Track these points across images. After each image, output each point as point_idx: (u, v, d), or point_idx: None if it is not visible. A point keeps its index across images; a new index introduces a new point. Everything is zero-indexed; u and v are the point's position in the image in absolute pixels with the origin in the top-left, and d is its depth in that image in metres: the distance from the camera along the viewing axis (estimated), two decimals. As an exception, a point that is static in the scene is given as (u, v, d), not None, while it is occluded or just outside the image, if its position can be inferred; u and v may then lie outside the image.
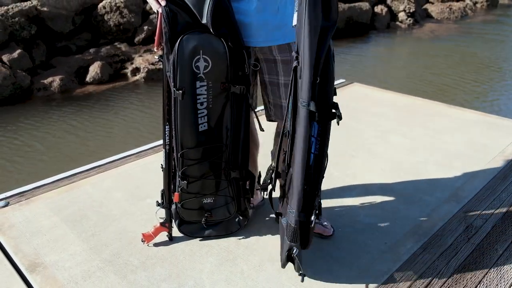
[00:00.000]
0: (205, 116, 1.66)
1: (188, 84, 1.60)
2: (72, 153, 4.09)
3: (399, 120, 3.24)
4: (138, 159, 2.72)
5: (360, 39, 8.39)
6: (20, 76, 5.20)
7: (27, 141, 4.33)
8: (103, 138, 4.40)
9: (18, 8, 5.60)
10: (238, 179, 1.81)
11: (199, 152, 1.71)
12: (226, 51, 1.58)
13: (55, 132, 4.47)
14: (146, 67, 5.76)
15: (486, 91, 5.84)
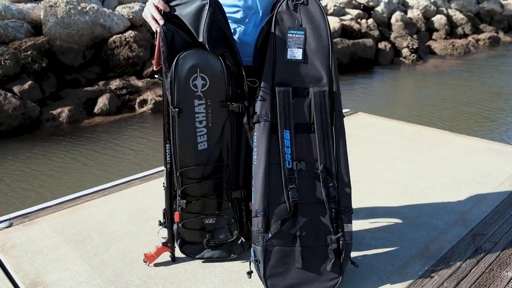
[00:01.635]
0: (204, 134, 1.64)
1: (186, 102, 1.59)
2: (77, 180, 4.10)
3: (405, 148, 3.24)
4: (142, 183, 2.72)
5: (364, 73, 8.53)
6: (29, 107, 5.30)
7: (35, 168, 4.36)
8: (108, 167, 4.42)
9: (31, 42, 5.79)
10: (240, 200, 1.77)
11: (198, 171, 1.68)
12: (224, 69, 1.58)
13: (61, 160, 4.51)
14: (153, 99, 5.86)
15: (491, 121, 5.86)
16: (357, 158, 3.06)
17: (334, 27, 8.80)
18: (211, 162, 1.68)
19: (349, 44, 8.63)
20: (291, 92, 1.60)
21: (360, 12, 10.12)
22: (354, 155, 3.09)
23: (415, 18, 11.16)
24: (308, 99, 1.62)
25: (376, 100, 6.92)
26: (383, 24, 10.34)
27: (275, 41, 1.59)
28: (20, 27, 5.95)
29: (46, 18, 6.02)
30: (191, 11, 1.50)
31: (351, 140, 3.38)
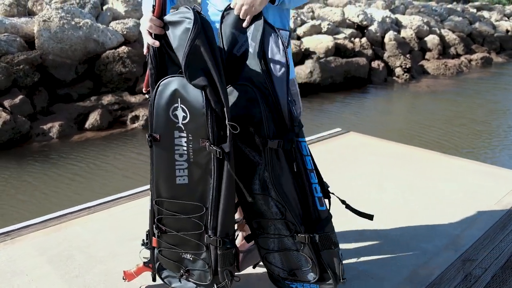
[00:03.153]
0: (185, 169, 1.50)
1: (165, 131, 1.47)
2: (64, 196, 4.03)
3: (395, 168, 3.23)
4: (130, 201, 2.67)
5: (357, 92, 8.58)
6: (20, 121, 5.25)
7: (19, 184, 4.29)
8: (96, 184, 4.36)
9: (23, 56, 5.77)
10: (216, 248, 1.55)
11: (175, 205, 1.55)
12: (204, 105, 1.42)
13: (48, 177, 4.44)
14: (145, 115, 5.84)
15: (483, 142, 5.88)
16: (346, 178, 3.04)
17: (328, 46, 8.88)
18: (191, 200, 1.53)
19: (343, 62, 8.70)
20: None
21: (353, 31, 10.23)
22: (344, 176, 3.07)
23: (408, 38, 11.30)
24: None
25: (369, 120, 6.94)
26: (377, 43, 10.46)
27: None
28: (13, 41, 5.93)
29: (40, 33, 6.01)
30: (178, 33, 1.40)
31: (342, 160, 3.36)
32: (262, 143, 1.50)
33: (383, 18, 11.13)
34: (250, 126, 1.51)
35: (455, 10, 15.02)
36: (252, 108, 1.49)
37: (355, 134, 4.04)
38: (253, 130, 1.51)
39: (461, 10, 15.56)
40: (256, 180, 1.56)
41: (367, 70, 9.20)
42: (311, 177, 1.62)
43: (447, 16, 14.00)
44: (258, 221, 1.64)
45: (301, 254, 1.62)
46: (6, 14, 6.37)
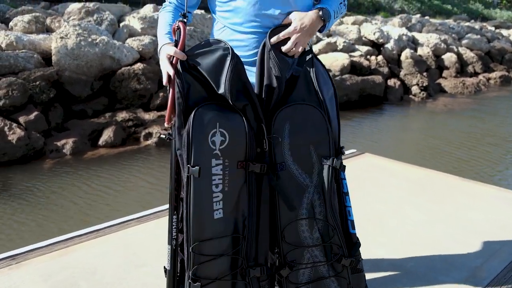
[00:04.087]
0: (220, 201, 1.41)
1: (203, 162, 1.38)
2: (73, 217, 4.01)
3: (413, 193, 3.11)
4: (138, 224, 2.62)
5: (373, 110, 8.47)
6: (34, 138, 5.29)
7: (28, 203, 4.28)
8: (106, 204, 4.34)
9: (40, 72, 5.85)
10: (258, 279, 1.48)
11: (214, 245, 1.42)
12: (245, 124, 1.42)
13: (59, 195, 4.44)
14: (158, 132, 5.83)
15: (504, 166, 5.69)
16: (362, 203, 2.94)
17: (344, 64, 8.82)
18: (226, 234, 1.43)
19: (358, 80, 8.62)
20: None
21: (369, 48, 10.17)
22: (359, 200, 2.97)
23: (425, 56, 11.18)
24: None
25: (384, 140, 6.81)
26: (393, 61, 10.36)
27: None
28: (30, 58, 6.03)
29: (57, 49, 6.10)
30: (212, 62, 1.41)
31: (357, 183, 3.26)
32: (323, 162, 1.52)
33: (400, 35, 11.05)
34: (311, 144, 1.52)
35: (473, 28, 14.86)
36: (312, 127, 1.51)
37: (370, 156, 3.94)
38: (314, 149, 1.52)
39: (479, 28, 15.39)
40: (304, 204, 1.53)
41: (383, 88, 9.09)
42: (346, 200, 1.64)
43: (465, 34, 13.85)
44: (293, 252, 1.56)
45: (331, 281, 1.59)
46: (25, 31, 6.49)
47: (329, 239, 1.57)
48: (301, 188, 1.53)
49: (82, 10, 6.88)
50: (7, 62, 5.88)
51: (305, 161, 1.53)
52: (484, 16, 20.90)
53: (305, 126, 1.53)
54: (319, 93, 1.57)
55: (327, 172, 1.54)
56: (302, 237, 1.56)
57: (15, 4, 7.74)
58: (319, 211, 1.56)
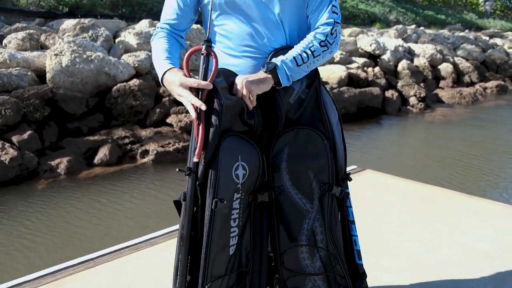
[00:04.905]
0: (236, 236, 1.38)
1: (227, 196, 1.35)
2: (67, 241, 3.88)
3: (416, 212, 3.02)
4: (133, 252, 2.51)
5: (371, 123, 8.40)
6: (27, 158, 5.17)
7: (22, 226, 4.16)
8: (101, 228, 4.22)
9: (34, 90, 5.76)
10: None
11: (224, 283, 1.39)
12: (259, 156, 1.41)
13: (51, 218, 4.31)
14: (155, 149, 5.73)
15: (506, 180, 5.60)
16: (364, 223, 2.83)
17: (341, 76, 8.78)
18: (234, 270, 1.41)
19: (356, 93, 8.57)
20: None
21: (366, 60, 10.14)
22: (361, 220, 2.87)
23: (422, 66, 11.17)
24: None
25: (384, 154, 6.72)
26: (390, 72, 10.33)
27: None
28: (24, 76, 5.94)
29: (51, 66, 6.02)
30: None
31: (359, 202, 3.17)
32: (322, 189, 1.47)
33: (396, 47, 11.05)
34: (310, 170, 1.47)
35: (468, 38, 14.91)
36: (315, 153, 1.47)
37: (372, 172, 3.85)
38: (313, 175, 1.47)
39: (474, 38, 15.45)
40: (304, 230, 1.48)
41: (380, 100, 9.04)
42: (352, 229, 1.60)
43: (460, 44, 13.89)
44: (294, 279, 1.50)
45: None
46: (19, 48, 6.42)
47: (331, 269, 1.51)
48: (301, 213, 1.48)
49: (77, 26, 6.82)
50: (0, 81, 5.79)
51: (305, 186, 1.48)
52: (478, 26, 21.03)
53: (304, 151, 1.49)
54: (325, 118, 1.51)
55: (327, 199, 1.49)
56: (303, 265, 1.50)
57: (9, 21, 7.68)
58: (321, 239, 1.50)
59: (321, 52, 1.47)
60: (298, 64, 1.44)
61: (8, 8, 8.04)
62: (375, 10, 17.38)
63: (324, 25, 1.47)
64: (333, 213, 1.51)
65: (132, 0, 9.93)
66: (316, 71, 1.58)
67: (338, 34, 1.50)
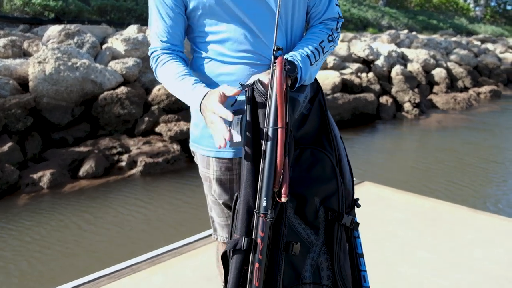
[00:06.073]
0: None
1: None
2: (44, 266, 3.61)
3: (420, 229, 2.82)
4: (112, 281, 2.28)
5: (366, 129, 8.23)
6: (7, 171, 4.91)
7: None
8: (83, 247, 3.96)
9: (16, 99, 5.49)
10: None
11: None
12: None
13: (31, 239, 4.02)
14: (143, 160, 5.49)
15: (509, 191, 5.43)
16: (365, 244, 2.63)
17: (335, 82, 8.61)
18: None
19: (350, 99, 8.40)
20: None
21: (360, 65, 10.00)
22: (362, 238, 2.67)
23: (415, 72, 11.05)
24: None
25: (381, 162, 6.54)
26: (384, 78, 10.20)
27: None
28: (5, 84, 5.68)
29: (34, 75, 5.77)
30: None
31: (359, 219, 2.96)
32: (330, 218, 1.29)
33: (389, 52, 10.93)
34: (316, 196, 1.28)
35: (460, 43, 14.88)
36: (322, 176, 1.29)
37: (370, 185, 3.66)
38: (319, 202, 1.28)
39: (466, 43, 15.43)
40: (308, 265, 1.28)
41: (375, 106, 8.89)
42: (361, 263, 1.42)
43: (453, 49, 13.85)
44: None
45: None
46: (0, 56, 6.16)
47: None
48: (305, 246, 1.28)
49: (62, 32, 6.57)
50: (-19, 90, 5.53)
51: (309, 215, 1.28)
52: (468, 31, 21.08)
53: (309, 175, 1.28)
54: (332, 136, 1.33)
55: (336, 230, 1.29)
56: None
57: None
58: (327, 276, 1.31)
59: (329, 48, 1.34)
60: (311, 63, 1.26)
61: (-9, 14, 7.78)
62: (367, 15, 17.32)
63: (329, 19, 1.36)
64: (342, 246, 1.33)
65: (120, 5, 9.71)
66: (318, 83, 1.40)
67: (340, 28, 1.39)
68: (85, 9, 8.76)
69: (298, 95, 1.27)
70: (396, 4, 21.72)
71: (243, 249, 1.13)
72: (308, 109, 1.33)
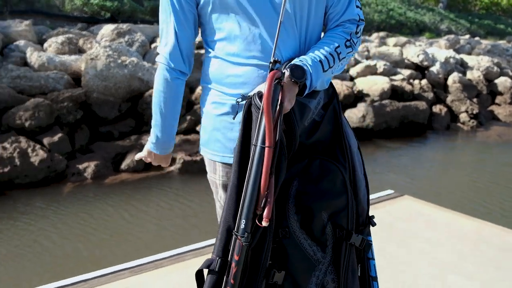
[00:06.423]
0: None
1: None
2: (81, 253, 3.74)
3: (462, 253, 2.60)
4: (132, 275, 2.28)
5: (415, 140, 7.82)
6: (56, 160, 5.15)
7: (37, 233, 4.07)
8: (118, 238, 4.06)
9: (68, 93, 5.75)
10: None
11: None
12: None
13: (69, 226, 4.20)
14: (182, 158, 5.55)
15: None
16: (397, 262, 2.45)
17: (384, 88, 8.28)
18: None
19: (399, 106, 8.03)
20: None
21: (413, 72, 9.56)
22: (392, 258, 2.50)
23: (475, 80, 10.40)
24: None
25: (427, 176, 6.16)
26: (439, 86, 9.69)
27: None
28: (60, 79, 5.97)
29: (86, 70, 6.01)
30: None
31: (392, 236, 2.79)
32: (338, 236, 1.20)
33: (447, 58, 10.37)
34: (323, 211, 1.19)
35: (529, 50, 13.85)
36: (331, 190, 1.21)
37: (411, 199, 3.44)
38: (327, 217, 1.20)
39: (536, 50, 14.34)
40: (313, 284, 1.20)
41: (427, 115, 8.45)
42: (374, 286, 1.33)
43: (520, 57, 12.91)
44: None
45: None
46: (58, 52, 6.47)
47: None
48: (310, 263, 1.20)
49: (114, 31, 6.81)
50: (38, 83, 5.84)
51: (316, 230, 1.19)
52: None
53: (317, 187, 1.20)
54: (346, 146, 1.24)
55: (344, 249, 1.20)
56: None
57: (54, 26, 7.83)
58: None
59: (346, 54, 1.24)
60: (324, 69, 1.17)
61: (54, 14, 8.23)
62: (425, 18, 16.58)
63: (348, 22, 1.25)
64: (350, 266, 1.23)
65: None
66: (334, 88, 1.31)
67: (361, 33, 1.28)
68: (138, 9, 9.06)
69: (309, 101, 1.20)
70: (458, 7, 20.63)
71: (216, 270, 1.07)
72: (321, 116, 1.25)
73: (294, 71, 1.09)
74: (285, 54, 1.20)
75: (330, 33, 1.24)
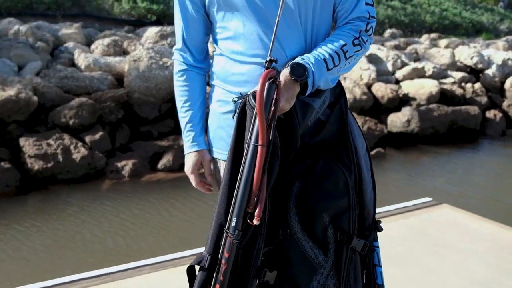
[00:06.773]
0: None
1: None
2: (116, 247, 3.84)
3: (501, 268, 2.37)
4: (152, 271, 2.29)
5: (465, 146, 7.37)
6: (96, 157, 5.33)
7: (81, 225, 4.23)
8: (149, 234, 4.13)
9: (111, 93, 5.95)
10: None
11: None
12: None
13: (109, 220, 4.33)
14: (218, 159, 5.57)
15: None
16: (425, 272, 2.28)
17: (432, 92, 7.88)
18: None
19: (448, 111, 7.61)
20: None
21: (465, 75, 9.05)
22: (422, 267, 2.32)
23: (536, 84, 9.69)
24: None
25: (474, 186, 5.73)
26: (494, 89, 9.12)
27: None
28: (104, 79, 6.19)
29: (129, 71, 6.19)
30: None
31: (425, 245, 2.60)
32: (339, 240, 1.18)
33: (504, 60, 9.74)
34: (325, 213, 1.17)
35: None
36: (333, 191, 1.19)
37: (449, 208, 3.21)
38: (328, 220, 1.17)
39: None
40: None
41: (479, 121, 7.95)
42: None
43: None
44: None
45: None
46: (103, 54, 6.73)
47: None
48: (311, 266, 1.17)
49: (158, 34, 6.98)
50: (83, 83, 6.08)
51: (318, 232, 1.17)
52: None
53: (320, 188, 1.18)
54: (351, 147, 1.21)
55: (345, 253, 1.17)
56: None
57: (102, 29, 8.17)
58: None
59: (354, 53, 1.19)
60: (328, 68, 1.14)
61: (103, 17, 8.60)
62: (482, 18, 15.71)
63: (357, 19, 1.20)
64: (351, 271, 1.18)
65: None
66: (341, 87, 1.26)
67: (373, 31, 1.22)
68: (185, 12, 9.24)
69: (313, 100, 1.17)
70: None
71: (206, 267, 1.09)
72: (327, 116, 1.22)
73: (295, 69, 1.08)
74: (289, 52, 1.18)
75: (338, 30, 1.21)
